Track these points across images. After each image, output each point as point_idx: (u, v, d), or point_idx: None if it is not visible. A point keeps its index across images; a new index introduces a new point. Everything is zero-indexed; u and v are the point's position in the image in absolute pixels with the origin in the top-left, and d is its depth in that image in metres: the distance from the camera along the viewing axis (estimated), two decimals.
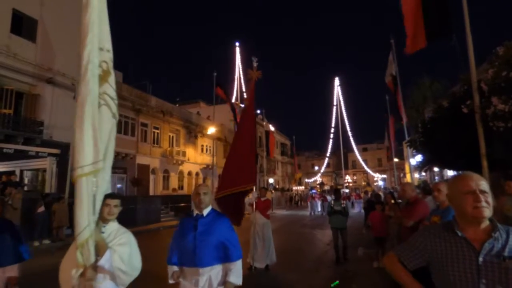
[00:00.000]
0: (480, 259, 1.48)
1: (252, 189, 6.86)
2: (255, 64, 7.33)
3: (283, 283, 6.27)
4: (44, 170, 13.31)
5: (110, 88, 2.56)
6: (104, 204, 2.40)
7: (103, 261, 2.19)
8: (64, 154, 13.68)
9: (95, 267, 2.15)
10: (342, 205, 7.94)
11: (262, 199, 7.71)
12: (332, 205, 8.07)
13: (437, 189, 3.69)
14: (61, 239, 10.90)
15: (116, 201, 2.50)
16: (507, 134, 6.13)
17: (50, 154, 13.80)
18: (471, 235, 1.54)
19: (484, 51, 7.96)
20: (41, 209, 10.58)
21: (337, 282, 5.98)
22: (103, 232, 2.39)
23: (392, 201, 7.61)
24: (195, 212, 2.82)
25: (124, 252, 2.36)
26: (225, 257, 2.66)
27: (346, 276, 6.83)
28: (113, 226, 2.50)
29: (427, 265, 1.67)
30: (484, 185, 1.55)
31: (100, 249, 2.22)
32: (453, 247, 1.55)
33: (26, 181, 15.48)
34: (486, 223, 1.55)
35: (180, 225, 2.94)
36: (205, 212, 2.79)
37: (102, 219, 2.41)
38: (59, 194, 12.27)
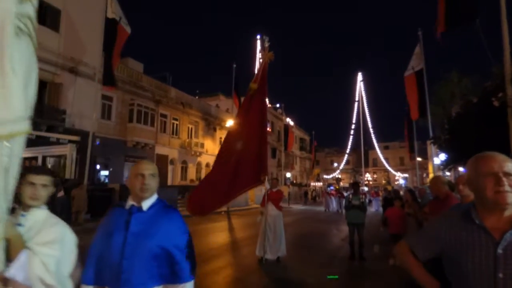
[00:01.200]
0: (499, 250, 1.29)
1: (264, 180, 6.67)
2: (266, 45, 6.90)
3: (294, 275, 6.12)
4: (65, 157, 13.64)
5: (32, 8, 1.18)
6: (24, 182, 1.64)
7: (16, 269, 1.44)
8: (84, 141, 13.98)
9: (3, 279, 1.40)
10: (361, 200, 7.51)
11: (274, 189, 7.43)
12: (350, 199, 7.64)
13: (462, 182, 3.40)
14: (80, 223, 11.15)
15: (45, 179, 1.71)
16: None
17: (70, 141, 14.15)
18: (491, 223, 1.35)
19: None
20: (61, 194, 10.85)
21: (336, 276, 5.80)
22: (21, 225, 1.60)
23: (411, 198, 7.36)
24: (130, 202, 1.81)
25: (49, 254, 1.58)
26: (170, 276, 1.69)
27: (360, 272, 6.62)
28: (37, 216, 1.68)
29: (439, 257, 1.49)
30: (509, 166, 1.33)
31: (14, 250, 1.45)
32: (470, 237, 1.37)
33: (49, 167, 15.95)
34: (509, 211, 1.34)
35: (104, 221, 1.88)
36: (146, 203, 1.79)
37: (22, 206, 1.66)
38: (78, 180, 12.57)
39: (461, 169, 23.18)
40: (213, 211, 6.42)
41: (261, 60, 6.98)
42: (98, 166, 19.20)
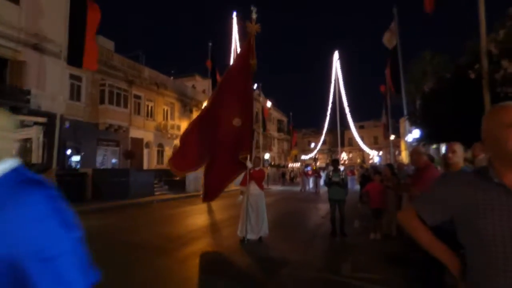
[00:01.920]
0: None
1: (244, 160, 6.57)
2: (254, 16, 6.70)
3: (277, 253, 6.04)
4: (31, 140, 12.85)
5: None
6: None
7: None
8: (52, 124, 13.18)
9: None
10: (341, 177, 7.42)
11: (257, 168, 7.19)
12: (330, 176, 7.55)
13: (452, 150, 3.32)
14: None
15: None
16: None
17: (36, 123, 13.29)
18: (511, 181, 1.19)
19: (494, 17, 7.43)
20: None
21: None
22: None
23: (390, 172, 7.41)
24: None
25: None
26: None
27: (342, 247, 6.64)
28: None
29: (450, 220, 1.33)
30: None
31: None
32: (487, 197, 1.20)
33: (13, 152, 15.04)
34: None
35: None
36: None
37: None
38: (46, 165, 11.90)
39: (434, 147, 23.95)
40: (193, 169, 7.04)
41: (248, 32, 6.75)
42: (69, 151, 18.33)
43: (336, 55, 47.45)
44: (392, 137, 28.95)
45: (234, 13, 31.13)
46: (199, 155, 6.51)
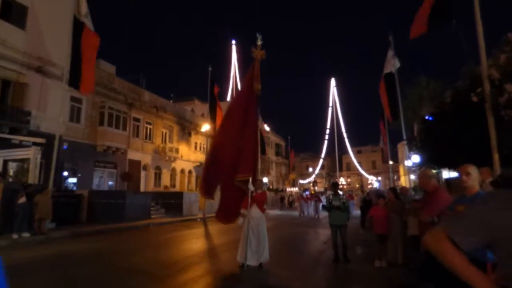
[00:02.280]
0: None
1: (248, 182, 6.49)
2: (259, 42, 6.93)
3: (278, 281, 5.79)
4: (29, 161, 12.69)
5: None
6: None
7: None
8: (50, 145, 13.09)
9: None
10: (342, 200, 7.20)
11: (259, 191, 7.00)
12: (330, 200, 7.32)
13: (466, 172, 3.20)
14: (43, 232, 10.29)
15: None
16: None
17: (34, 144, 13.19)
18: None
19: (489, 42, 7.57)
20: (22, 200, 9.97)
21: None
22: None
23: (393, 196, 7.27)
24: None
25: None
26: None
27: (346, 275, 6.39)
28: None
29: (486, 245, 1.22)
30: None
31: None
32: None
33: (11, 172, 14.84)
34: None
35: None
36: None
37: None
38: (42, 185, 11.69)
39: (434, 171, 23.87)
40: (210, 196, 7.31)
41: (252, 55, 7.02)
42: (66, 173, 18.11)
43: (333, 82, 48.25)
44: (390, 162, 28.94)
45: (233, 41, 31.86)
46: (209, 182, 7.08)
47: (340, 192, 7.57)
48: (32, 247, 8.74)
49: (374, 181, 55.71)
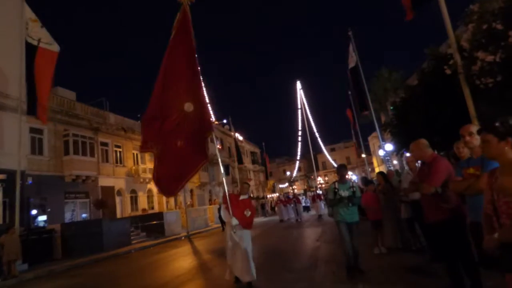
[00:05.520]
0: None
1: (209, 136, 5.53)
2: None
3: (283, 284, 5.42)
4: None
5: None
6: None
7: None
8: (12, 181, 12.07)
9: None
10: (352, 189, 5.25)
11: (242, 197, 5.60)
12: (336, 189, 5.31)
13: (469, 133, 3.04)
14: (14, 275, 9.34)
15: None
16: (496, 91, 5.82)
17: None
18: None
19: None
20: None
21: None
22: None
23: (384, 181, 7.18)
24: None
25: None
26: None
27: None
28: None
29: None
30: None
31: None
32: None
33: None
34: None
35: None
36: None
37: None
38: (7, 225, 10.69)
39: (408, 154, 24.45)
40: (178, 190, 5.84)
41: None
42: (34, 211, 16.80)
43: (298, 84, 48.87)
44: (363, 155, 29.49)
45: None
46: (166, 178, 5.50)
47: (352, 178, 6.99)
48: None
49: (351, 176, 56.72)
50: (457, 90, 6.76)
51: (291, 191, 49.65)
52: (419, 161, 4.45)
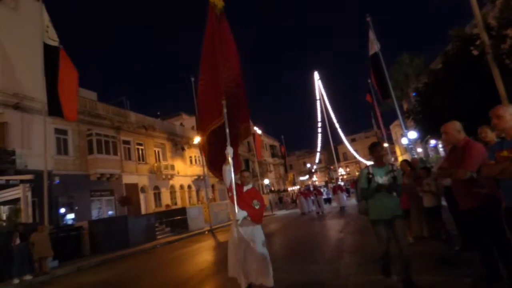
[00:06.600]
0: None
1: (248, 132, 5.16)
2: None
3: (308, 275, 5.32)
4: (19, 200, 12.10)
5: None
6: None
7: None
8: (40, 181, 12.48)
9: None
10: (392, 174, 3.89)
11: (245, 187, 4.64)
12: (370, 176, 3.97)
13: (496, 115, 2.86)
14: (45, 272, 9.68)
15: None
16: None
17: (22, 181, 12.58)
18: None
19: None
20: (17, 241, 9.38)
21: None
22: None
23: (409, 168, 6.92)
24: None
25: None
26: None
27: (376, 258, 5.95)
28: None
29: None
30: None
31: None
32: None
33: (4, 216, 14.16)
34: None
35: None
36: None
37: None
38: (37, 223, 11.09)
39: (432, 144, 23.71)
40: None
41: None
42: (63, 210, 17.40)
43: (316, 75, 48.07)
44: (386, 145, 28.77)
45: None
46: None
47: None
48: None
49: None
50: (485, 71, 6.41)
51: (312, 183, 49.34)
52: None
